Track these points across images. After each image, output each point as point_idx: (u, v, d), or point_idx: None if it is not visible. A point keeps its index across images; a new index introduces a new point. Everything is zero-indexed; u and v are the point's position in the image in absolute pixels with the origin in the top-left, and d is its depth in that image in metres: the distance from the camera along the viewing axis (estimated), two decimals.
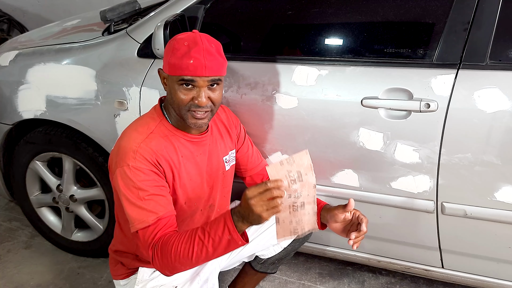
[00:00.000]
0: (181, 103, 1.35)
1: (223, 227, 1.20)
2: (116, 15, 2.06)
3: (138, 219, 1.30)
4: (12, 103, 2.07)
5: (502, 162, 1.46)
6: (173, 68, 1.34)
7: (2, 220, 2.66)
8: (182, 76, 1.32)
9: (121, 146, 1.36)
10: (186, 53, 1.31)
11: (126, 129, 1.43)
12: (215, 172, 1.56)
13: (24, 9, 4.99)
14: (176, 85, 1.35)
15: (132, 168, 1.31)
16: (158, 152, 1.36)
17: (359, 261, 1.93)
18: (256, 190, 1.14)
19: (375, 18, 1.62)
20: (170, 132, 1.42)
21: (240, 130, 1.68)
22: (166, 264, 1.27)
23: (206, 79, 1.33)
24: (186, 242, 1.23)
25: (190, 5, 1.77)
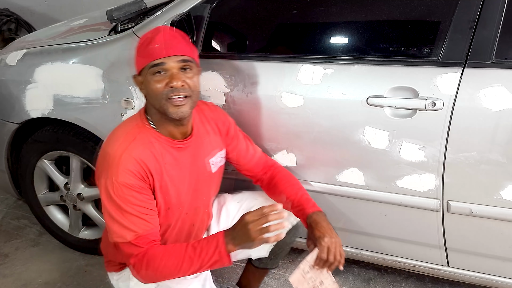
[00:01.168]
0: (158, 92, 1.34)
1: (214, 248, 1.26)
2: (122, 14, 2.07)
3: (117, 234, 1.34)
4: (20, 102, 2.09)
5: (507, 160, 1.46)
6: (142, 60, 1.36)
7: (11, 218, 2.68)
8: (151, 62, 1.33)
9: (106, 153, 1.36)
10: (151, 41, 1.35)
11: (111, 133, 1.42)
12: (200, 176, 1.55)
13: (31, 8, 5.02)
14: (149, 77, 1.35)
15: (115, 183, 1.31)
16: (141, 161, 1.35)
17: (365, 259, 1.93)
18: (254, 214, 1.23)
19: (381, 17, 1.63)
20: (153, 139, 1.40)
21: (229, 127, 1.64)
22: (149, 276, 1.33)
23: (175, 59, 1.34)
24: (176, 258, 1.29)
25: (196, 4, 1.77)
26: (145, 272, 1.31)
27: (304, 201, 1.53)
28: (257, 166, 1.70)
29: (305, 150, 1.72)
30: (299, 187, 1.60)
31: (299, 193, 1.56)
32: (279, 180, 1.63)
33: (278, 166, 1.71)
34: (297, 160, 1.75)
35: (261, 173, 1.70)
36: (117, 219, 1.33)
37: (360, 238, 1.84)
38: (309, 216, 1.48)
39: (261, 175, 1.70)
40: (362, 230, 1.81)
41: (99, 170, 1.38)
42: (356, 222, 1.80)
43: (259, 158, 1.70)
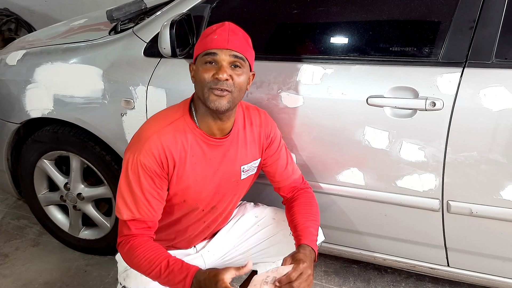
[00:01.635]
0: (203, 80, 1.35)
1: (181, 279, 1.29)
2: (122, 14, 2.07)
3: (118, 208, 1.40)
4: (20, 102, 2.09)
5: (507, 160, 1.46)
6: (199, 47, 1.39)
7: (11, 218, 2.68)
8: (205, 50, 1.36)
9: (141, 130, 1.42)
10: (212, 32, 1.38)
11: (154, 114, 1.48)
12: (228, 179, 1.53)
13: (31, 8, 5.02)
14: (200, 65, 1.37)
15: (135, 160, 1.36)
16: (167, 148, 1.37)
17: (365, 259, 1.93)
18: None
19: (381, 17, 1.62)
20: (188, 129, 1.42)
21: (274, 140, 1.61)
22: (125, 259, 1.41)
23: (228, 53, 1.35)
24: (149, 262, 1.34)
25: (196, 4, 1.77)
26: (124, 254, 1.40)
27: (306, 233, 1.47)
28: (289, 188, 1.65)
29: (305, 150, 1.72)
30: (311, 218, 1.53)
31: (306, 224, 1.50)
32: (297, 204, 1.58)
33: (306, 189, 1.65)
34: (297, 160, 1.75)
35: (290, 195, 1.65)
36: (123, 194, 1.39)
37: (360, 238, 1.84)
38: (302, 245, 1.42)
39: (289, 196, 1.65)
40: (362, 230, 1.81)
41: (130, 143, 1.43)
42: (356, 222, 1.80)
43: (294, 180, 1.65)
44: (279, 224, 1.68)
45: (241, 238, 1.71)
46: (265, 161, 1.62)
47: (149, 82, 1.82)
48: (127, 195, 1.38)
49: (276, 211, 1.74)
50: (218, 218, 1.63)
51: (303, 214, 1.54)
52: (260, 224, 1.71)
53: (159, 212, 1.42)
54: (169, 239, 1.61)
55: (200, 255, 1.66)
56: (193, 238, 1.64)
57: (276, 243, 1.68)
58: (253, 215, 1.74)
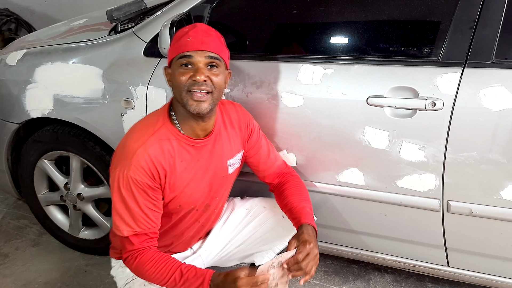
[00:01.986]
0: (181, 84, 1.35)
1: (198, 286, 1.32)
2: (122, 14, 2.07)
3: (116, 226, 1.39)
4: (20, 102, 2.09)
5: (507, 160, 1.46)
6: (173, 51, 1.38)
7: (10, 218, 2.68)
8: (180, 54, 1.35)
9: (124, 145, 1.39)
10: (185, 34, 1.37)
11: (133, 126, 1.46)
12: (217, 175, 1.56)
13: (31, 8, 5.02)
14: (176, 69, 1.37)
15: (125, 177, 1.34)
16: (155, 159, 1.37)
17: (365, 259, 1.93)
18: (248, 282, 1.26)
19: (381, 17, 1.62)
20: (171, 135, 1.42)
21: (253, 130, 1.64)
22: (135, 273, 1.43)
23: (203, 54, 1.35)
24: (162, 274, 1.35)
25: (196, 4, 1.77)
26: (133, 269, 1.42)
27: (304, 213, 1.52)
28: (275, 174, 1.69)
29: (305, 150, 1.72)
30: (304, 199, 1.59)
31: (301, 204, 1.55)
32: (287, 188, 1.63)
33: (291, 173, 1.70)
34: (297, 160, 1.75)
35: (277, 181, 1.70)
36: (119, 211, 1.37)
37: (360, 238, 1.84)
38: (303, 225, 1.46)
39: (276, 183, 1.70)
40: (362, 230, 1.81)
41: (115, 160, 1.40)
42: (356, 222, 1.80)
43: (278, 166, 1.69)
44: (271, 210, 1.71)
45: (235, 231, 1.73)
46: (248, 152, 1.65)
47: (149, 82, 1.82)
48: (123, 212, 1.37)
49: (265, 200, 1.77)
50: (211, 215, 1.65)
51: (296, 196, 1.58)
52: (251, 215, 1.73)
53: (158, 222, 1.43)
54: (166, 245, 1.61)
55: (199, 255, 1.66)
56: (189, 239, 1.65)
57: (271, 229, 1.70)
58: (244, 208, 1.76)
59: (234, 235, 1.73)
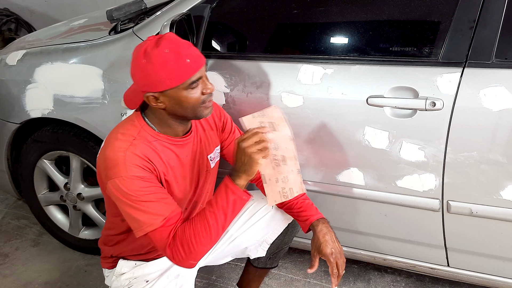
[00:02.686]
0: (197, 102, 1.34)
1: (225, 191, 1.31)
2: (122, 14, 2.07)
3: (146, 223, 1.31)
4: (20, 102, 2.09)
5: (507, 160, 1.46)
6: (174, 79, 1.29)
7: (11, 218, 2.68)
8: (189, 79, 1.30)
9: (107, 157, 1.33)
10: (177, 57, 1.28)
11: (108, 137, 1.39)
12: (201, 172, 1.56)
13: (31, 8, 5.02)
14: (184, 92, 1.32)
15: (126, 178, 1.29)
16: (145, 157, 1.34)
17: (365, 259, 1.93)
18: (245, 136, 1.27)
19: (381, 17, 1.63)
20: (152, 138, 1.39)
21: (226, 122, 1.65)
22: (189, 253, 1.30)
23: (203, 67, 1.35)
24: (200, 221, 1.30)
25: (196, 4, 1.77)
26: (184, 252, 1.30)
27: (307, 206, 1.54)
28: None
29: (305, 150, 1.72)
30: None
31: (300, 199, 1.56)
32: None
33: None
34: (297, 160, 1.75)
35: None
36: (140, 209, 1.30)
37: (360, 238, 1.84)
38: (314, 223, 1.50)
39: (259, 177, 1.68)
40: (362, 230, 1.81)
41: (102, 177, 1.35)
42: (356, 222, 1.80)
43: None
44: (259, 202, 1.70)
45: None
46: (223, 144, 1.66)
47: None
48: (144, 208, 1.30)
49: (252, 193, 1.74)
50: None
51: None
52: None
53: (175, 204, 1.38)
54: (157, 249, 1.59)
55: None
56: None
57: (262, 219, 1.69)
58: None
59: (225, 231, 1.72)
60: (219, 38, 1.45)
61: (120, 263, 1.58)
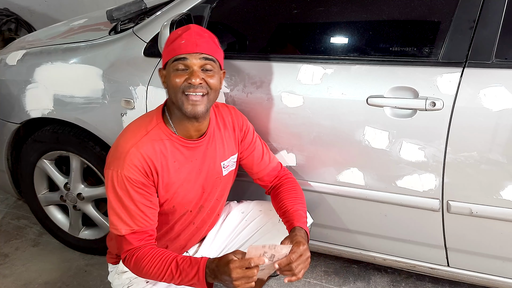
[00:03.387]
0: (176, 86, 1.36)
1: (194, 275, 1.31)
2: (122, 14, 2.07)
3: (114, 225, 1.40)
4: (20, 102, 2.09)
5: (507, 160, 1.46)
6: (167, 53, 1.39)
7: (10, 218, 2.68)
8: (174, 56, 1.36)
9: (117, 145, 1.41)
10: (178, 36, 1.38)
11: (127, 126, 1.47)
12: (210, 177, 1.56)
13: (31, 8, 5.02)
14: (171, 71, 1.38)
15: (120, 176, 1.36)
16: (147, 158, 1.38)
17: (365, 259, 1.93)
18: (241, 264, 1.24)
19: (381, 17, 1.63)
20: (164, 136, 1.42)
21: (247, 133, 1.65)
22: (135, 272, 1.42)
23: (198, 57, 1.36)
24: (158, 268, 1.34)
25: (196, 4, 1.77)
26: (132, 268, 1.41)
27: (297, 216, 1.51)
28: (270, 176, 1.69)
29: (305, 150, 1.72)
30: (298, 202, 1.58)
31: (295, 207, 1.55)
32: (282, 190, 1.63)
33: (287, 176, 1.69)
34: (297, 160, 1.75)
35: (273, 184, 1.70)
36: (116, 211, 1.38)
37: (360, 238, 1.84)
38: (296, 227, 1.46)
39: (272, 185, 1.70)
40: (362, 230, 1.81)
41: (108, 160, 1.41)
42: (356, 222, 1.80)
43: (273, 168, 1.69)
44: (267, 214, 1.71)
45: (231, 236, 1.73)
46: (241, 154, 1.65)
47: (149, 82, 1.82)
48: (120, 211, 1.38)
49: (261, 203, 1.77)
50: (206, 219, 1.65)
51: (291, 199, 1.58)
52: (247, 219, 1.73)
53: (155, 220, 1.43)
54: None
55: None
56: (185, 243, 1.65)
57: (267, 232, 1.69)
58: (239, 212, 1.76)
59: (230, 240, 1.73)
60: (219, 38, 1.45)
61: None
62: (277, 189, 1.65)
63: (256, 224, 1.71)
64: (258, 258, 1.25)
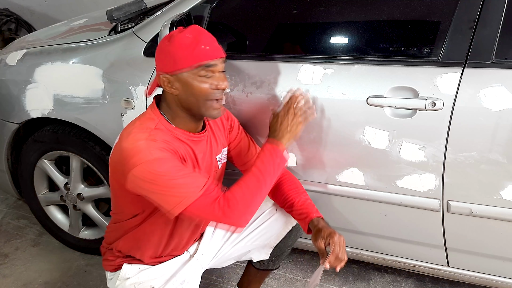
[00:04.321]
0: (206, 93, 1.35)
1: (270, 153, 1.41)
2: (122, 14, 2.07)
3: (186, 196, 1.28)
4: (20, 102, 2.09)
5: (507, 160, 1.46)
6: (187, 59, 1.32)
7: (10, 218, 2.68)
8: (202, 62, 1.32)
9: (125, 149, 1.31)
10: (197, 42, 1.32)
11: (123, 132, 1.38)
12: (209, 171, 1.56)
13: (31, 8, 5.02)
14: (194, 78, 1.34)
15: (152, 162, 1.27)
16: (166, 142, 1.34)
17: (365, 259, 1.93)
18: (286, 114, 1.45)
19: (381, 17, 1.62)
20: (169, 131, 1.40)
21: (233, 124, 1.66)
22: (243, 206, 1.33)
23: (221, 61, 1.36)
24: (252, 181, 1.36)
25: (196, 4, 1.77)
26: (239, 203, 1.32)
27: (308, 205, 1.54)
28: None
29: (305, 150, 1.72)
30: (302, 191, 1.61)
31: (302, 197, 1.57)
32: (282, 182, 1.64)
33: None
34: (297, 160, 1.75)
35: None
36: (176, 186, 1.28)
37: (360, 238, 1.84)
38: (314, 220, 1.49)
39: None
40: (362, 230, 1.81)
41: (122, 169, 1.31)
42: (356, 222, 1.80)
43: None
44: (264, 205, 1.71)
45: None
46: (230, 145, 1.66)
47: (149, 82, 1.82)
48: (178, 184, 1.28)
49: None
50: None
51: (293, 190, 1.60)
52: None
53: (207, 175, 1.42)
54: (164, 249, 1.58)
55: (196, 259, 1.65)
56: (186, 240, 1.63)
57: (265, 223, 1.70)
58: None
59: (229, 234, 1.72)
60: (219, 38, 1.45)
61: (125, 268, 1.56)
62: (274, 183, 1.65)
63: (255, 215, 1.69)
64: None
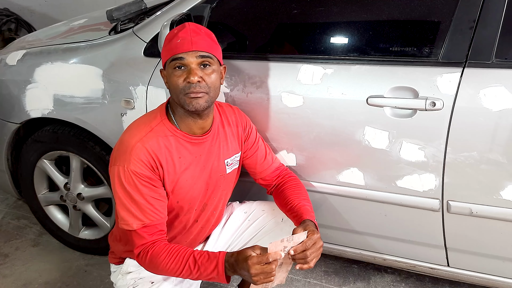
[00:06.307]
0: (176, 86, 1.38)
1: (213, 268, 1.32)
2: (122, 14, 2.07)
3: (124, 220, 1.40)
4: (20, 102, 2.09)
5: (507, 160, 1.46)
6: (165, 53, 1.40)
7: (10, 218, 2.68)
8: (172, 56, 1.37)
9: (122, 141, 1.42)
10: (175, 36, 1.39)
11: (131, 124, 1.49)
12: (214, 174, 1.56)
13: (31, 8, 5.02)
14: (170, 71, 1.39)
15: (127, 171, 1.37)
16: (152, 153, 1.39)
17: (365, 259, 1.93)
18: (259, 260, 1.26)
19: (381, 17, 1.62)
20: (169, 132, 1.44)
21: (250, 133, 1.66)
22: (150, 269, 1.42)
23: (194, 55, 1.37)
24: (176, 263, 1.35)
25: (196, 4, 1.77)
26: (147, 264, 1.40)
27: (305, 210, 1.53)
28: (272, 176, 1.70)
29: (305, 150, 1.72)
30: (304, 198, 1.60)
31: (301, 203, 1.56)
32: (286, 188, 1.64)
33: (289, 175, 1.71)
34: (297, 160, 1.75)
35: (275, 183, 1.71)
36: (126, 206, 1.39)
37: (360, 238, 1.84)
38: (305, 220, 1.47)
39: (274, 184, 1.71)
40: (362, 230, 1.81)
41: (113, 156, 1.43)
42: (356, 222, 1.80)
43: (276, 168, 1.71)
44: (269, 213, 1.71)
45: (235, 236, 1.73)
46: (245, 153, 1.66)
47: (149, 82, 1.82)
48: (130, 205, 1.38)
49: (264, 203, 1.77)
50: (210, 217, 1.65)
51: (295, 196, 1.60)
52: (250, 218, 1.74)
53: (164, 213, 1.44)
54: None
55: None
56: (190, 243, 1.65)
57: (270, 231, 1.70)
58: (242, 211, 1.76)
59: (234, 239, 1.73)
60: (219, 38, 1.45)
61: (127, 262, 1.60)
62: (280, 187, 1.66)
63: (259, 224, 1.72)
64: (275, 253, 1.27)
